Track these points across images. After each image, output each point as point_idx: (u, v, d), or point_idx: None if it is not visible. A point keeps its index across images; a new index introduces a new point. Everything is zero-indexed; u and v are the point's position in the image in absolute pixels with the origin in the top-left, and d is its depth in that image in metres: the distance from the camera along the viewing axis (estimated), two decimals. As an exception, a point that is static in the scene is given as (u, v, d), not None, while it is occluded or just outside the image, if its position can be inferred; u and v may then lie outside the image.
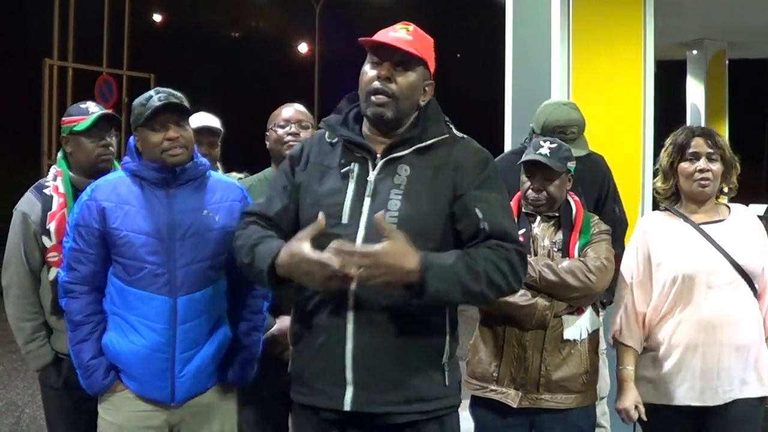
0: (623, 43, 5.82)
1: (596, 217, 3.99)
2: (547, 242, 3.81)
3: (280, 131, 3.98)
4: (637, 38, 5.81)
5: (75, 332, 3.45)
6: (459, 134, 3.08)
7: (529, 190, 3.83)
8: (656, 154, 5.70)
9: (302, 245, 2.75)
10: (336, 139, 3.02)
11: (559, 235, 3.83)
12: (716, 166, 3.69)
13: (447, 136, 3.02)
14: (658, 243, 3.76)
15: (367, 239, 2.81)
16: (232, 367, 3.58)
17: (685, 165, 3.72)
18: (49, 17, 19.30)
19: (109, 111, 3.96)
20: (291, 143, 3.92)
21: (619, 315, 3.84)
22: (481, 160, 3.02)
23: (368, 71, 2.95)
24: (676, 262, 3.69)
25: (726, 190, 3.80)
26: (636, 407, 3.69)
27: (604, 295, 4.65)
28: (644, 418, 3.69)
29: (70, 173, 3.90)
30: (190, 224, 3.42)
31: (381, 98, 2.90)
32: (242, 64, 36.06)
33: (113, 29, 20.72)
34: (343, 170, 2.95)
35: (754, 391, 3.63)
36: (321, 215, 2.81)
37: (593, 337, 3.86)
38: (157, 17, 38.01)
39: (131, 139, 3.52)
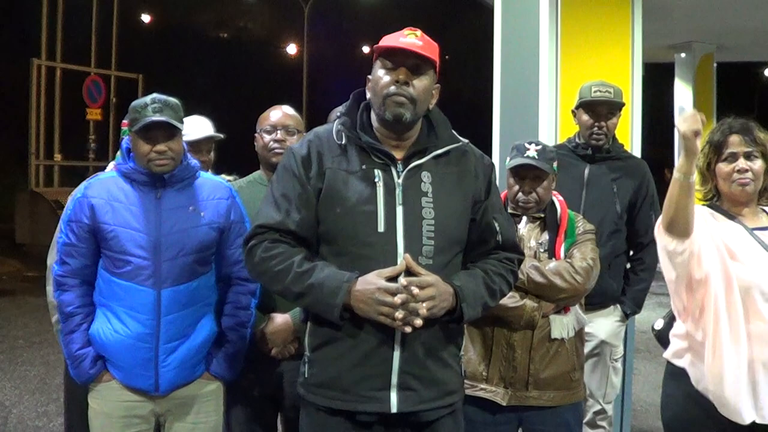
0: (611, 46, 5.83)
1: (581, 217, 4.03)
2: (533, 243, 3.85)
3: (267, 137, 3.97)
4: (626, 41, 5.82)
5: (65, 323, 3.58)
6: (463, 139, 3.15)
7: (519, 194, 3.87)
8: (644, 157, 5.74)
9: (379, 279, 2.82)
10: (345, 141, 3.02)
11: (545, 236, 3.87)
12: (757, 164, 3.37)
13: (460, 144, 3.11)
14: (717, 241, 3.33)
15: (407, 248, 2.89)
16: (217, 359, 3.67)
17: (722, 166, 3.40)
18: (37, 17, 19.25)
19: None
20: (277, 150, 3.92)
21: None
22: (488, 166, 3.17)
23: (383, 76, 2.97)
24: (730, 270, 3.29)
25: None
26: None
27: (630, 307, 4.71)
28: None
29: None
30: (176, 220, 3.52)
31: (401, 99, 2.93)
32: (231, 65, 36.05)
33: (101, 29, 20.69)
34: (369, 177, 2.95)
35: None
36: (407, 256, 2.86)
37: (581, 334, 3.92)
38: (146, 18, 37.93)
39: (124, 140, 3.65)
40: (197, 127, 4.73)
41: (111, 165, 4.13)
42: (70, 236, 3.55)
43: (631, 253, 4.86)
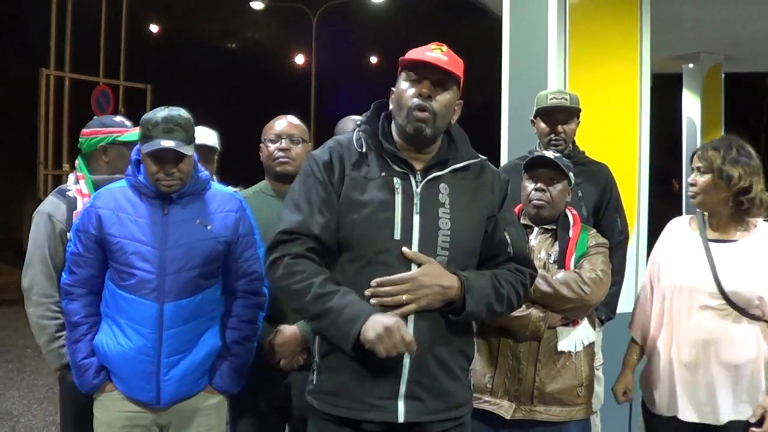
0: (619, 57, 5.83)
1: (593, 230, 3.99)
2: (543, 254, 3.80)
3: (272, 146, 3.97)
4: (634, 51, 5.82)
5: (71, 333, 3.59)
6: (481, 156, 3.17)
7: (533, 191, 3.83)
8: (652, 167, 5.73)
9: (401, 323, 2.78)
10: (365, 149, 3.02)
11: (556, 247, 3.82)
12: (703, 179, 3.69)
13: (479, 160, 3.12)
14: (668, 251, 3.87)
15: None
16: (220, 373, 3.66)
17: None
18: (46, 27, 19.32)
19: None
20: (281, 160, 3.93)
21: (633, 308, 4.09)
22: (504, 182, 3.18)
23: (407, 89, 2.98)
24: (670, 275, 3.80)
25: (742, 201, 3.64)
26: (625, 392, 4.02)
27: (603, 312, 4.67)
28: (629, 399, 4.04)
29: (92, 176, 4.02)
30: (182, 233, 3.52)
31: (422, 114, 2.94)
32: (239, 75, 36.09)
33: (110, 39, 20.76)
34: (389, 184, 2.95)
35: (747, 413, 3.61)
36: (405, 249, 2.89)
37: (589, 350, 3.84)
38: (154, 28, 38.06)
39: (134, 151, 3.63)
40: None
41: (72, 176, 4.06)
42: (77, 246, 3.55)
43: None
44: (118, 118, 4.19)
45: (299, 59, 39.93)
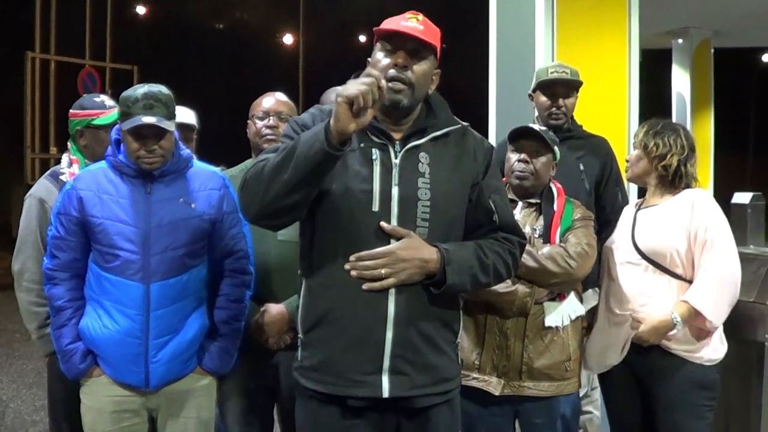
0: (608, 32, 5.80)
1: (578, 203, 3.98)
2: (528, 229, 3.79)
3: (259, 123, 3.94)
4: (622, 27, 5.80)
5: (56, 317, 3.56)
6: (463, 122, 3.12)
7: (516, 162, 3.82)
8: (642, 143, 5.70)
9: None
10: None
11: (540, 221, 3.81)
12: (633, 153, 4.08)
13: (459, 126, 3.08)
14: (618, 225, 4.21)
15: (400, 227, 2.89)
16: (209, 354, 3.64)
17: None
18: (31, 9, 19.18)
19: None
20: (269, 137, 3.89)
21: None
22: (487, 149, 3.13)
23: (382, 59, 2.93)
24: (610, 243, 4.11)
25: (662, 170, 3.96)
26: None
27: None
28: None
29: (86, 160, 3.99)
30: (166, 212, 3.48)
31: (398, 85, 2.89)
32: (226, 56, 35.89)
33: (96, 21, 20.62)
34: (367, 156, 2.91)
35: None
36: (383, 224, 2.85)
37: (576, 324, 3.85)
38: (141, 9, 37.79)
39: (114, 131, 3.59)
40: None
41: (65, 157, 4.05)
42: (59, 229, 3.51)
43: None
44: (100, 98, 4.13)
45: (287, 39, 39.74)
